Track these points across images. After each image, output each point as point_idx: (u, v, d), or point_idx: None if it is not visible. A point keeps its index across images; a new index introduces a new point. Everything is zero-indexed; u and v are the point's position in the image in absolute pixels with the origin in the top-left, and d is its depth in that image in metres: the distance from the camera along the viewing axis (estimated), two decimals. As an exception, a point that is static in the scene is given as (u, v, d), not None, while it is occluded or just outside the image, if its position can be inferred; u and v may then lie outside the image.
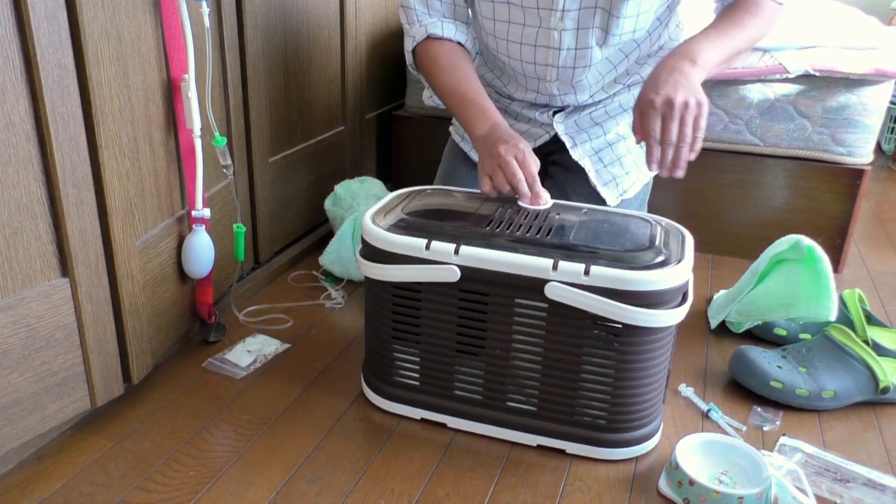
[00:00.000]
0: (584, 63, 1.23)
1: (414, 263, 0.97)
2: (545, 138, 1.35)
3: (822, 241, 1.43)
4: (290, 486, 0.94)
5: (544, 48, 1.22)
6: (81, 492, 0.92)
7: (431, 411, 1.06)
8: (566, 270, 0.91)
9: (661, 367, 0.99)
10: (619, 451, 1.00)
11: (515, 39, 1.24)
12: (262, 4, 1.37)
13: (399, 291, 1.01)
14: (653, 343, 0.95)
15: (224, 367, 1.19)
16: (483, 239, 0.97)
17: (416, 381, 1.06)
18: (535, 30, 1.21)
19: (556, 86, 1.28)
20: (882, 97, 1.56)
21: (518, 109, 1.38)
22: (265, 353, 1.23)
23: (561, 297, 0.92)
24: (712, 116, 1.64)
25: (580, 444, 1.00)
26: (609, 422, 0.99)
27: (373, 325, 1.06)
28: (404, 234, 0.98)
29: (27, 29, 0.81)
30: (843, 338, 1.15)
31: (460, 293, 0.98)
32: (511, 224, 1.01)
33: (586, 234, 0.99)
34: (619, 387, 0.96)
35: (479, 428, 1.04)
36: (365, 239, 1.01)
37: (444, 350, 1.02)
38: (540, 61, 1.25)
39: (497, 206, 1.07)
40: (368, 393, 1.11)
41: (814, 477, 0.97)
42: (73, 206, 0.90)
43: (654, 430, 1.03)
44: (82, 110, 0.89)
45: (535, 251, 0.94)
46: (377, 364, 1.08)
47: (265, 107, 1.43)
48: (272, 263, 1.53)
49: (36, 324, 0.90)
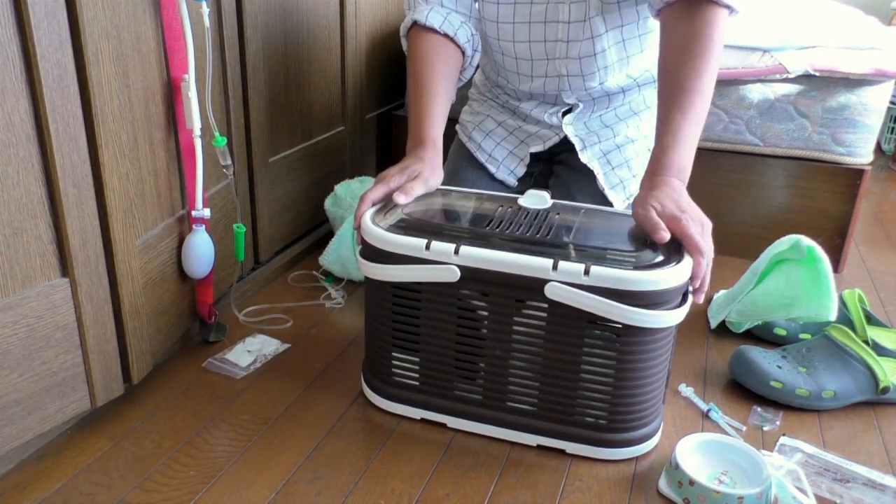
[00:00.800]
0: (587, 35, 1.21)
1: (414, 263, 0.97)
2: (554, 140, 1.34)
3: (822, 241, 1.43)
4: (290, 486, 0.94)
5: (553, 23, 1.21)
6: (81, 492, 0.92)
7: (431, 411, 1.06)
8: (566, 270, 0.91)
9: (662, 368, 0.99)
10: (619, 451, 1.00)
11: (523, 20, 1.22)
12: (262, 4, 1.37)
13: (399, 292, 1.01)
14: (653, 343, 0.94)
15: (224, 367, 1.19)
16: (483, 239, 0.97)
17: (416, 382, 1.06)
18: (542, 6, 1.20)
19: (566, 64, 1.25)
20: (882, 97, 1.56)
21: (527, 111, 1.37)
22: (265, 353, 1.23)
23: (561, 297, 0.92)
24: (712, 116, 1.64)
25: (580, 444, 1.00)
26: (609, 422, 0.99)
27: (373, 326, 1.06)
28: (404, 234, 0.98)
29: (27, 29, 0.81)
30: (843, 338, 1.15)
31: (460, 293, 0.98)
32: (511, 224, 1.01)
33: (586, 234, 0.99)
34: (619, 387, 0.96)
35: (479, 428, 1.04)
36: (365, 239, 1.01)
37: (444, 350, 1.02)
38: (549, 37, 1.23)
39: (497, 205, 1.07)
40: (368, 393, 1.11)
41: (814, 477, 0.97)
42: (73, 206, 0.90)
43: (654, 430, 1.03)
44: (82, 110, 0.89)
45: (535, 251, 0.94)
46: (377, 364, 1.08)
47: (265, 107, 1.43)
48: (272, 263, 1.53)
49: (36, 324, 0.90)
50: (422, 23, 1.18)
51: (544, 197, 1.07)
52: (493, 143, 1.39)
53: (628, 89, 1.33)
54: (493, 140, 1.39)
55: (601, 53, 1.24)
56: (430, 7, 1.19)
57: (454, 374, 1.03)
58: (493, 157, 1.38)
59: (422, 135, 1.14)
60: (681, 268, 0.93)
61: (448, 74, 1.19)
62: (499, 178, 1.37)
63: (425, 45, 1.19)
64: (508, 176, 1.37)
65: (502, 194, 1.14)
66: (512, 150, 1.37)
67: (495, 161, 1.38)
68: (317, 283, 1.50)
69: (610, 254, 0.94)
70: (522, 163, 1.36)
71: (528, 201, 1.07)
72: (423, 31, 1.19)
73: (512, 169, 1.37)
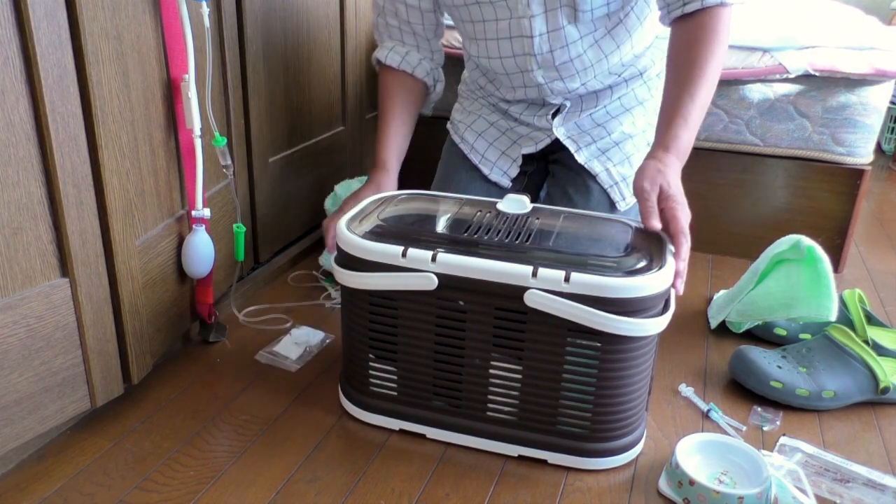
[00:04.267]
0: (560, 44, 1.22)
1: (390, 271, 0.95)
2: (546, 142, 1.34)
3: (822, 241, 1.43)
4: (290, 486, 0.94)
5: (519, 38, 1.22)
6: (81, 492, 0.92)
7: (410, 422, 1.04)
8: (546, 277, 0.89)
9: (644, 376, 0.97)
10: (602, 460, 0.98)
11: (492, 36, 1.25)
12: (262, 4, 1.37)
13: (376, 300, 0.98)
14: (635, 351, 0.92)
15: (276, 359, 1.20)
16: (461, 245, 0.95)
17: (395, 392, 1.03)
18: (506, 22, 1.21)
19: (541, 74, 1.27)
20: (882, 97, 1.56)
21: (517, 113, 1.37)
22: (312, 343, 1.24)
23: (541, 304, 0.90)
24: (712, 116, 1.64)
25: (562, 453, 0.98)
26: (591, 431, 0.97)
27: (349, 335, 1.04)
28: (380, 241, 0.96)
29: (27, 29, 0.81)
30: (843, 338, 1.15)
31: (438, 301, 0.96)
32: (490, 230, 0.98)
33: (566, 239, 0.97)
34: (601, 396, 0.94)
35: (459, 439, 1.02)
36: (340, 246, 0.99)
37: (423, 360, 1.00)
38: (518, 52, 1.24)
39: (476, 211, 1.05)
40: (346, 404, 1.09)
41: (814, 477, 0.97)
42: (73, 206, 0.90)
43: (637, 438, 1.01)
44: (82, 110, 0.89)
45: (514, 258, 0.92)
46: (354, 375, 1.06)
47: (265, 107, 1.43)
48: (272, 263, 1.53)
49: (36, 324, 0.90)
50: (382, 62, 1.32)
51: (523, 201, 1.05)
52: (485, 144, 1.39)
53: (615, 85, 1.32)
54: (485, 141, 1.39)
55: (577, 58, 1.25)
56: (391, 48, 1.32)
57: (433, 383, 1.01)
58: (487, 158, 1.38)
59: (377, 159, 1.29)
60: (663, 274, 0.91)
61: (406, 105, 1.32)
62: (492, 179, 1.37)
63: (387, 79, 1.32)
64: (502, 177, 1.37)
65: (482, 199, 1.11)
66: (504, 152, 1.37)
67: (488, 162, 1.38)
68: (317, 283, 1.50)
69: (591, 260, 0.92)
70: (515, 164, 1.36)
71: (508, 206, 1.05)
72: (388, 69, 1.32)
73: (505, 170, 1.37)
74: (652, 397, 1.15)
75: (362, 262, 0.96)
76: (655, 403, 1.14)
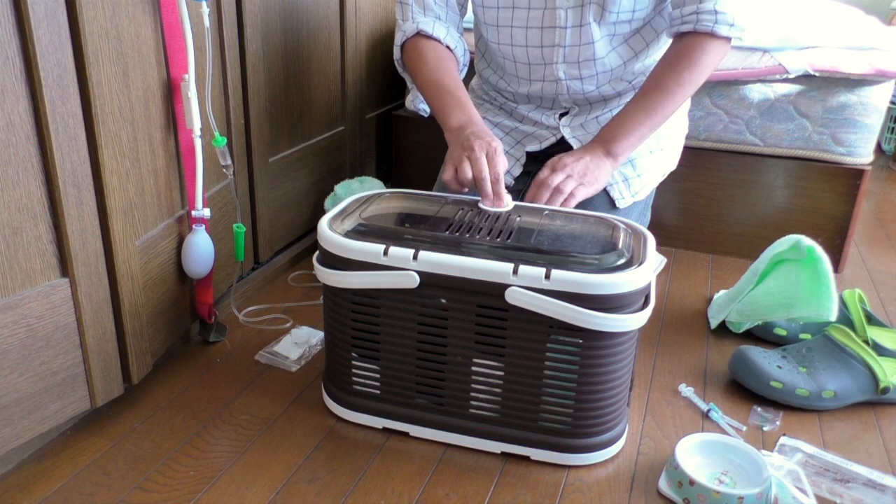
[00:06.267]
0: (585, 40, 1.24)
1: (372, 270, 0.95)
2: (551, 141, 1.35)
3: (822, 241, 1.43)
4: (290, 486, 0.94)
5: (550, 28, 1.24)
6: (81, 492, 0.92)
7: (393, 420, 1.04)
8: (526, 275, 0.89)
9: (625, 371, 0.97)
10: (584, 456, 0.99)
11: (520, 24, 1.26)
12: (262, 4, 1.37)
13: (358, 299, 0.98)
14: (616, 347, 0.93)
15: (276, 360, 1.20)
16: (442, 244, 0.95)
17: (377, 390, 1.03)
18: (539, 11, 1.23)
19: (563, 69, 1.28)
20: (882, 97, 1.56)
21: (524, 113, 1.38)
22: (312, 343, 1.24)
23: (521, 301, 0.90)
24: (712, 116, 1.65)
25: (544, 450, 0.99)
26: (573, 427, 0.97)
27: (332, 334, 1.04)
28: (362, 239, 0.96)
29: (27, 29, 0.81)
30: (843, 338, 1.15)
31: (420, 300, 0.96)
32: (471, 228, 0.98)
33: (547, 237, 0.97)
34: (583, 391, 0.95)
35: (441, 436, 1.02)
36: (321, 245, 0.99)
37: (405, 358, 1.00)
38: (546, 42, 1.26)
39: (457, 209, 1.05)
40: (329, 403, 1.09)
41: (814, 477, 0.97)
42: (73, 206, 0.90)
43: (619, 433, 1.01)
44: (82, 110, 0.89)
45: (495, 255, 0.92)
46: (337, 373, 1.06)
47: (265, 107, 1.43)
48: (272, 263, 1.53)
49: (36, 324, 0.90)
50: (427, 33, 1.26)
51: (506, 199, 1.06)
52: None
53: (624, 92, 1.34)
54: None
55: (599, 59, 1.26)
56: (431, 20, 1.28)
57: (416, 382, 1.01)
58: None
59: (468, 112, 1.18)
60: (642, 270, 0.91)
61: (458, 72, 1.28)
62: None
63: (432, 48, 1.26)
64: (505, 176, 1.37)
65: (464, 197, 1.11)
66: (508, 151, 1.37)
67: None
68: (317, 283, 1.50)
69: (572, 257, 0.92)
70: (519, 163, 1.37)
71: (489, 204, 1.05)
72: (427, 39, 1.27)
73: (508, 169, 1.37)
74: (652, 397, 1.15)
75: (344, 261, 0.96)
76: (655, 403, 1.14)
